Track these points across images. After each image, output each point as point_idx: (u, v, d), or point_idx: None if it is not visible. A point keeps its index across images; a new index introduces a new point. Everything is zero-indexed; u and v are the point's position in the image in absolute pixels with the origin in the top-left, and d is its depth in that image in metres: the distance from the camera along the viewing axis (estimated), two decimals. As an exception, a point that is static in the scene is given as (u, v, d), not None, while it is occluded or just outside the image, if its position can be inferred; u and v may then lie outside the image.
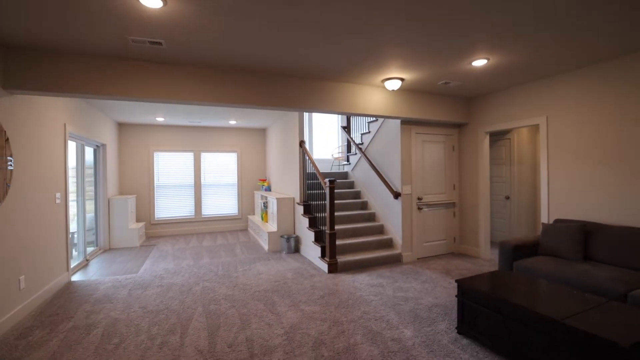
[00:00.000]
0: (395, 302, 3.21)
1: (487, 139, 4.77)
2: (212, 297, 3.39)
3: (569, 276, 2.78)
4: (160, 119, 6.25)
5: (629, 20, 2.43)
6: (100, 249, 5.59)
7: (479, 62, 3.33)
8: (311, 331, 2.64)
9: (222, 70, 3.42)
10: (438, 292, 3.47)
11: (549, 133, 3.89)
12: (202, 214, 7.24)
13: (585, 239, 3.19)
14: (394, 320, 2.80)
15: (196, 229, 7.18)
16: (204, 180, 7.28)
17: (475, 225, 4.88)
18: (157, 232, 6.88)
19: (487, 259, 4.71)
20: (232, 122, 6.75)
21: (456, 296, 2.58)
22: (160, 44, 2.72)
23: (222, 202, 7.45)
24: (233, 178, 7.58)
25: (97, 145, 5.57)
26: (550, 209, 3.86)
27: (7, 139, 2.78)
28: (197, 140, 7.20)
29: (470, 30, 2.57)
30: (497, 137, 5.85)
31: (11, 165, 2.84)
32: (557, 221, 3.58)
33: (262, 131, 7.83)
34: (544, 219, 3.91)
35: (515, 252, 3.34)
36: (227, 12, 2.23)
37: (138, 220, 6.78)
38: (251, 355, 2.31)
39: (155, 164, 6.90)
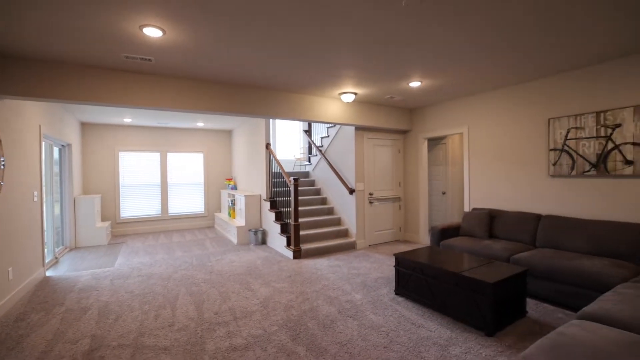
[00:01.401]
0: (349, 277, 3.94)
1: (425, 144, 5.73)
2: (192, 282, 3.86)
3: (476, 249, 3.70)
4: (127, 120, 6.41)
5: (521, 61, 3.38)
6: (66, 248, 5.66)
7: (415, 84, 4.17)
8: (282, 300, 3.26)
9: (204, 82, 3.89)
10: (384, 269, 4.27)
11: (469, 140, 4.89)
12: (169, 212, 7.47)
13: (490, 222, 4.18)
14: (348, 289, 3.53)
15: (163, 227, 7.39)
16: (170, 179, 7.51)
17: (417, 216, 5.82)
18: (123, 231, 6.99)
19: (426, 244, 5.66)
20: (200, 124, 7.10)
21: (394, 266, 3.36)
22: (150, 60, 3.16)
23: (188, 200, 7.73)
24: (199, 177, 7.88)
25: (62, 145, 5.64)
26: (471, 200, 4.86)
27: (0, 140, 3.04)
28: (163, 140, 7.40)
29: (406, 61, 3.36)
30: (435, 142, 6.89)
31: (3, 164, 3.09)
32: (474, 209, 4.56)
33: (228, 133, 8.22)
34: (466, 208, 4.91)
35: (442, 234, 4.25)
36: (214, 40, 2.78)
37: (103, 219, 6.85)
38: (235, 318, 2.87)
39: (120, 163, 7.00)
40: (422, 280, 3.04)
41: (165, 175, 7.44)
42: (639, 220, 3.18)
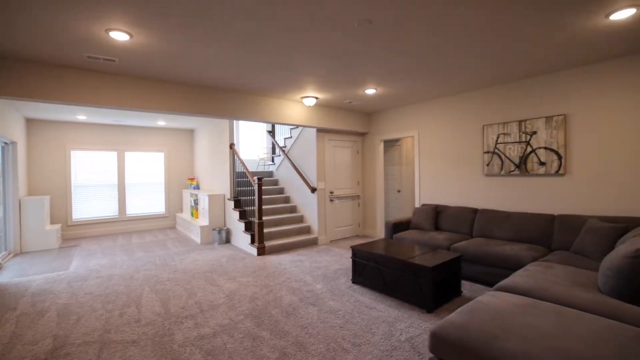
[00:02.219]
0: (311, 270, 4.22)
1: (381, 145, 6.18)
2: (156, 280, 3.90)
3: (423, 240, 4.16)
4: (81, 117, 6.14)
5: (457, 75, 3.86)
6: (10, 253, 5.31)
7: (370, 91, 4.56)
8: (247, 292, 3.46)
9: (169, 83, 3.94)
10: (343, 261, 4.60)
11: (419, 142, 5.41)
12: (127, 213, 7.23)
13: (436, 216, 4.70)
14: (309, 280, 3.80)
15: (121, 228, 7.14)
16: (128, 179, 7.27)
17: (374, 212, 6.27)
18: (75, 234, 6.66)
19: (382, 238, 6.12)
20: (161, 123, 6.96)
21: (351, 257, 3.69)
22: (113, 60, 3.18)
23: (148, 201, 7.53)
24: (160, 177, 7.71)
25: (5, 143, 5.29)
26: (421, 196, 5.38)
27: (-56, 140, 2.89)
28: (120, 139, 7.15)
29: (361, 72, 3.70)
30: (391, 144, 7.40)
31: (-53, 165, 2.93)
32: (422, 205, 5.06)
33: (190, 132, 8.12)
34: (417, 204, 5.42)
35: (395, 228, 4.68)
36: (182, 45, 2.90)
37: (52, 221, 6.47)
38: (201, 311, 3.02)
39: (72, 163, 6.65)
40: (375, 268, 3.41)
41: (123, 175, 7.19)
42: (548, 211, 3.82)
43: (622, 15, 2.36)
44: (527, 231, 3.68)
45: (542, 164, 3.84)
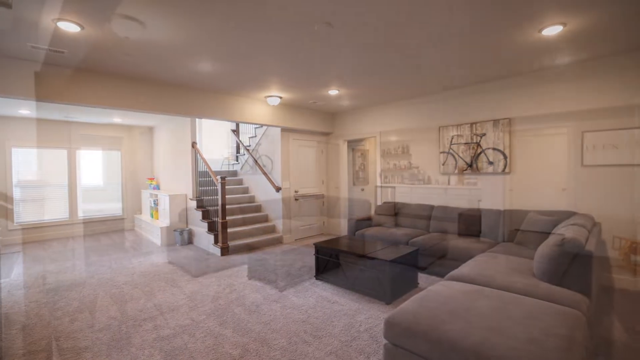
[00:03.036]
0: (275, 268, 4.24)
1: (345, 145, 6.34)
2: (112, 284, 3.71)
3: (384, 236, 4.35)
4: (24, 112, 5.65)
5: (414, 80, 4.08)
6: (-61, 261, 4.78)
7: (333, 92, 4.67)
8: (210, 292, 3.41)
9: (127, 79, 3.76)
10: (307, 259, 4.67)
11: (381, 143, 5.62)
12: (79, 215, 6.76)
13: (396, 213, 4.92)
14: (273, 278, 3.83)
15: (72, 232, 6.66)
16: (80, 180, 6.80)
17: (338, 211, 6.40)
18: (17, 239, 6.11)
19: (345, 235, 6.27)
20: (117, 120, 6.60)
21: (314, 255, 3.77)
22: (62, 52, 2.99)
23: (103, 202, 7.10)
24: (116, 177, 7.30)
25: None
26: (382, 195, 5.59)
27: None
28: (72, 136, 6.66)
29: (324, 73, 3.79)
30: (356, 144, 7.59)
31: None
32: (384, 203, 5.27)
33: (149, 129, 7.76)
34: (379, 202, 5.62)
35: (357, 225, 4.84)
36: (139, 41, 2.80)
37: (-10, 226, 5.89)
38: (161, 313, 2.94)
39: (13, 162, 6.10)
40: (336, 264, 3.51)
41: (74, 175, 6.71)
42: (496, 207, 4.16)
43: (552, 31, 2.66)
44: (477, 225, 3.99)
45: (490, 163, 4.18)
